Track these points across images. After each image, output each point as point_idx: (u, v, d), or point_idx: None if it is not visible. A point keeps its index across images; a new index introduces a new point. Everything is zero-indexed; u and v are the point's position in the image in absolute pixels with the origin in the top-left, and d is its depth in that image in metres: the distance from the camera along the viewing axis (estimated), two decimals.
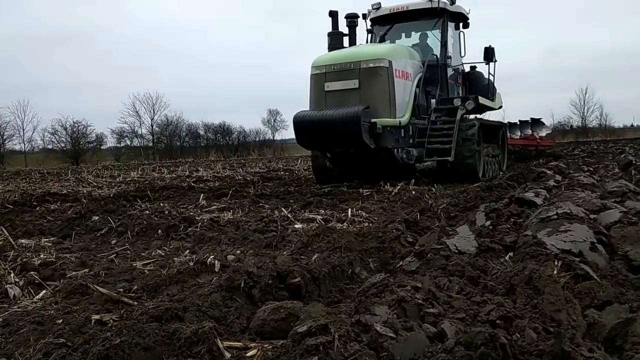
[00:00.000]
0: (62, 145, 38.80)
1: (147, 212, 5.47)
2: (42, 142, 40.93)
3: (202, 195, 7.56)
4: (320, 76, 8.67)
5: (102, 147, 42.55)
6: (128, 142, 44.31)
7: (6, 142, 38.12)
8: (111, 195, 8.17)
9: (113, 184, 11.37)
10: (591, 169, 10.39)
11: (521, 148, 17.67)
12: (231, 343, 1.95)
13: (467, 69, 11.84)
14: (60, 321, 2.21)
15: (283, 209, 5.45)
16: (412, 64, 9.36)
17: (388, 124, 8.31)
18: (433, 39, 10.60)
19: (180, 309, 2.14)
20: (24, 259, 3.52)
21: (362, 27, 11.07)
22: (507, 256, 3.14)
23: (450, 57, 10.40)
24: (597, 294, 2.31)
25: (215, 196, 7.78)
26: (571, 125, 52.27)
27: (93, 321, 2.17)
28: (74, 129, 38.72)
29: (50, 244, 4.34)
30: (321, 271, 2.85)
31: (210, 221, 5.04)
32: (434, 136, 9.11)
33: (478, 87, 11.31)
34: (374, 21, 11.01)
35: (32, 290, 2.89)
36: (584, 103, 52.21)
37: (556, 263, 2.67)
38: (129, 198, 7.56)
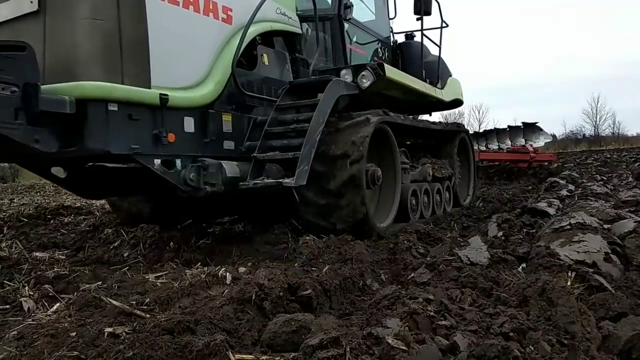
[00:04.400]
0: None
1: (159, 224, 5.50)
2: None
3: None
4: None
5: None
6: None
7: None
8: None
9: None
10: (604, 178, 10.30)
11: (509, 164, 13.38)
12: (243, 356, 1.95)
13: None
14: (73, 334, 2.23)
15: (294, 221, 5.46)
16: None
17: (115, 96, 3.50)
18: None
19: (192, 322, 2.14)
20: (38, 272, 3.55)
21: None
22: (520, 267, 3.12)
23: (350, 7, 5.96)
24: (612, 305, 2.29)
25: None
26: (584, 134, 51.94)
27: (106, 334, 2.18)
28: None
29: (64, 257, 4.38)
30: (332, 283, 2.84)
31: (221, 233, 5.06)
32: (273, 136, 4.48)
33: (412, 64, 6.94)
34: None
35: (46, 303, 2.91)
36: (596, 112, 51.92)
37: (570, 274, 2.65)
38: None
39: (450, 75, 7.82)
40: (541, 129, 14.61)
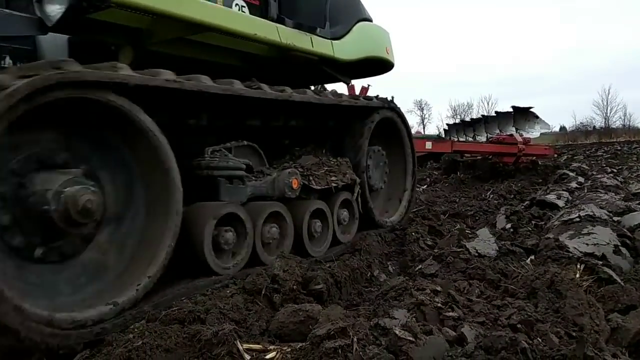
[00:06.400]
0: None
1: None
2: None
3: None
4: None
5: None
6: None
7: None
8: None
9: None
10: (615, 170, 10.21)
11: (490, 159, 10.25)
12: (251, 345, 1.96)
13: None
14: None
15: None
16: None
17: None
18: None
19: (203, 311, 2.16)
20: None
21: None
22: (529, 259, 3.11)
23: None
24: (621, 298, 2.28)
25: None
26: (594, 126, 51.51)
27: None
28: None
29: None
30: (343, 275, 2.85)
31: None
32: None
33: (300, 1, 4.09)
34: None
35: None
36: (607, 103, 51.42)
37: (579, 266, 2.64)
38: None
39: (365, 19, 4.67)
40: (537, 116, 11.61)
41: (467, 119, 15.69)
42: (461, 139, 13.47)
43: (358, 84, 10.37)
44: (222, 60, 3.70)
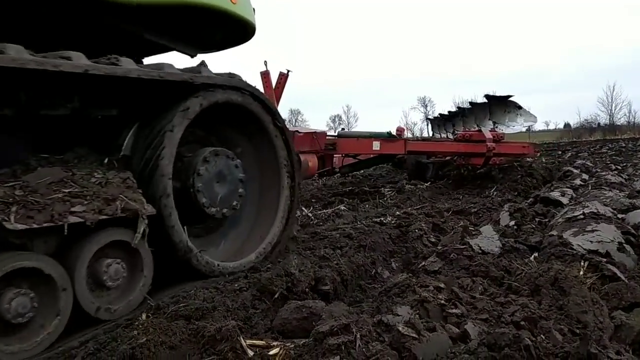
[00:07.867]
0: None
1: None
2: None
3: None
4: None
5: None
6: None
7: None
8: None
9: None
10: (619, 167, 10.17)
11: (455, 160, 8.32)
12: (254, 341, 1.97)
13: None
14: None
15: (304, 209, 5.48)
16: None
17: None
18: None
19: (210, 308, 2.16)
20: None
21: None
22: (532, 256, 3.10)
23: None
24: (625, 295, 2.27)
25: None
26: (598, 123, 51.33)
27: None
28: None
29: None
30: (349, 273, 2.85)
31: None
32: None
33: None
34: None
35: None
36: (612, 100, 51.30)
37: (582, 264, 2.63)
38: None
39: None
40: (519, 107, 9.42)
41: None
42: (442, 135, 12.87)
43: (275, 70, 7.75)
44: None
